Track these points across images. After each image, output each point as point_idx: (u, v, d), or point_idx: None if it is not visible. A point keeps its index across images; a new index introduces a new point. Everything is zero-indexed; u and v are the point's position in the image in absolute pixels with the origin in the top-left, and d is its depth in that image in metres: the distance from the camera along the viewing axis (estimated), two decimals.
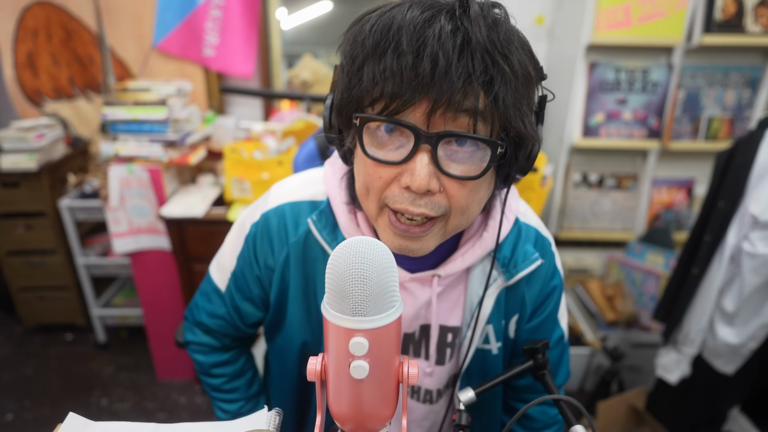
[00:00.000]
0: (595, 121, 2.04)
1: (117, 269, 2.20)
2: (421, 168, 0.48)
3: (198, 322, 0.80)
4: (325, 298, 0.42)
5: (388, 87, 0.47)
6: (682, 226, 2.21)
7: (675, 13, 1.85)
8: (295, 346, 0.74)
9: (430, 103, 0.47)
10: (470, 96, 0.46)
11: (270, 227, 0.69)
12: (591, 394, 1.99)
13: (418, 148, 0.49)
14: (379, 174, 0.52)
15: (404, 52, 0.46)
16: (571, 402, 0.61)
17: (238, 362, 0.84)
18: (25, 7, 2.08)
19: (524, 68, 0.49)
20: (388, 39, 0.47)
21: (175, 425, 0.59)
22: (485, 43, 0.46)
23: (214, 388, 0.83)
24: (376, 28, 0.48)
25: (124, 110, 1.77)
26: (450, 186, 0.51)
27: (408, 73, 0.46)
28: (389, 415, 0.46)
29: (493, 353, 0.71)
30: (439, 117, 0.47)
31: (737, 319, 1.40)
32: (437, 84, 0.45)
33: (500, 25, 0.49)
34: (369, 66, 0.48)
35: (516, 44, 0.49)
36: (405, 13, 0.48)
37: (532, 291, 0.70)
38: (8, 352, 2.31)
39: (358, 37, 0.50)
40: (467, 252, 0.66)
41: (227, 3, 2.06)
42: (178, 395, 2.09)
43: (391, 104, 0.48)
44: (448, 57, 0.45)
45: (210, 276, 0.79)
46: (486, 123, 0.49)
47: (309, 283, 0.70)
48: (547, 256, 0.71)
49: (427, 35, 0.46)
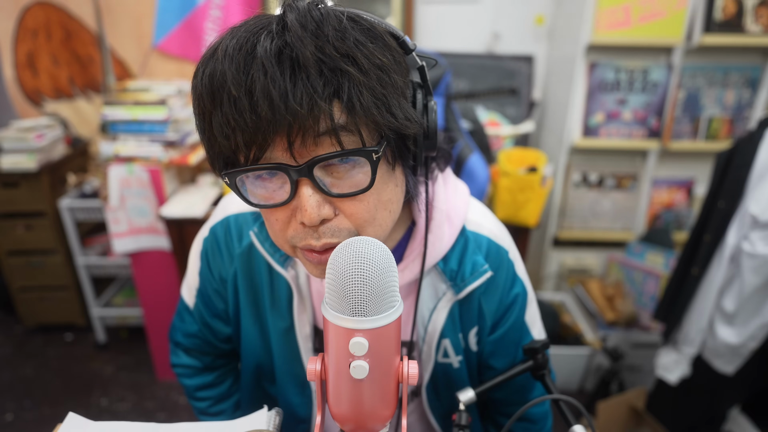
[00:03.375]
0: (595, 121, 2.04)
1: (117, 269, 2.20)
2: (307, 201, 0.45)
3: (176, 342, 0.80)
4: (325, 298, 0.42)
5: (238, 137, 0.43)
6: (682, 226, 2.21)
7: (675, 13, 1.85)
8: (251, 366, 0.74)
9: (284, 138, 0.43)
10: (321, 117, 0.42)
11: (218, 240, 0.69)
12: (591, 394, 1.99)
13: (296, 182, 0.46)
14: (275, 217, 0.50)
15: (235, 96, 0.42)
16: (571, 402, 0.61)
17: (222, 385, 0.83)
18: (25, 7, 2.08)
19: (373, 59, 0.44)
20: (217, 88, 0.43)
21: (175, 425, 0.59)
22: (315, 54, 0.41)
23: (201, 412, 0.82)
24: (205, 75, 0.45)
25: (124, 110, 1.78)
26: (345, 206, 0.48)
27: (249, 116, 0.42)
28: (389, 415, 0.46)
29: (455, 366, 0.69)
30: (300, 147, 0.44)
31: (737, 319, 1.40)
32: (281, 118, 0.41)
33: (325, 23, 0.43)
34: (215, 120, 0.44)
35: (354, 38, 0.44)
36: (225, 50, 0.43)
37: (490, 303, 0.66)
38: (8, 352, 2.31)
39: (196, 92, 0.47)
40: (407, 267, 0.63)
41: (227, 3, 2.06)
42: (178, 395, 2.08)
43: (249, 153, 0.44)
44: (279, 87, 0.41)
45: (182, 296, 0.78)
46: (353, 132, 0.44)
47: (257, 297, 0.69)
48: (503, 265, 0.66)
49: (252, 70, 0.42)
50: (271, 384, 0.75)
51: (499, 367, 0.71)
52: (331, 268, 0.40)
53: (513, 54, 2.22)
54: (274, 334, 0.69)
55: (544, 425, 0.76)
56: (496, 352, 0.70)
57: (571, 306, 2.26)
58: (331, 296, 0.41)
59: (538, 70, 2.27)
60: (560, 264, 2.34)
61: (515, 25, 2.22)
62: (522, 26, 2.22)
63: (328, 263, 0.41)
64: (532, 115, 2.24)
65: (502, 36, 2.23)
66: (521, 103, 2.22)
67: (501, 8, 2.19)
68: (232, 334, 0.76)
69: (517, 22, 2.21)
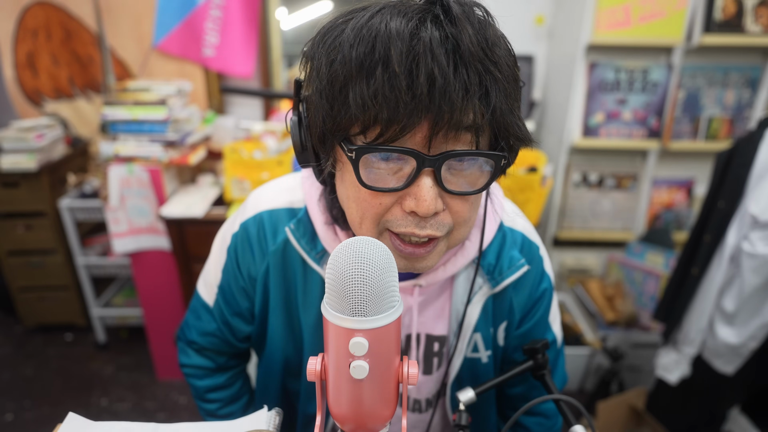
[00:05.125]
0: (595, 121, 2.04)
1: (117, 269, 2.20)
2: (427, 192, 0.46)
3: (189, 341, 0.78)
4: (325, 298, 0.42)
5: (382, 113, 0.42)
6: (682, 226, 2.21)
7: (675, 13, 1.85)
8: (277, 363, 0.73)
9: (430, 125, 0.43)
10: (469, 111, 0.43)
11: (250, 236, 0.67)
12: (591, 394, 1.99)
13: (421, 171, 0.46)
14: (379, 201, 0.49)
15: (396, 72, 0.41)
16: (571, 402, 0.61)
17: (233, 386, 0.82)
18: (25, 7, 2.08)
19: (512, 71, 0.47)
20: (374, 57, 0.42)
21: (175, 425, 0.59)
22: (477, 52, 0.43)
23: (209, 413, 0.80)
24: (358, 43, 0.43)
25: (124, 110, 1.78)
26: (453, 203, 0.49)
27: (403, 95, 0.41)
28: (389, 416, 0.46)
29: (483, 362, 0.70)
30: (441, 137, 0.44)
31: (737, 319, 1.40)
32: (436, 105, 0.42)
33: (485, 27, 0.45)
34: (354, 88, 0.43)
35: (502, 47, 0.46)
36: (387, 23, 0.43)
37: (520, 297, 0.68)
38: (8, 352, 2.31)
39: (334, 55, 0.45)
40: (449, 261, 0.64)
41: (227, 3, 2.06)
42: (178, 395, 2.08)
43: (387, 131, 0.43)
44: (444, 73, 0.41)
45: (198, 292, 0.77)
46: (484, 134, 0.46)
47: (290, 294, 0.68)
48: (535, 260, 0.69)
49: (417, 49, 0.41)
50: (296, 380, 0.74)
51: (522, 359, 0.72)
52: (331, 268, 0.40)
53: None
54: (306, 330, 0.68)
55: (557, 422, 0.77)
56: (520, 347, 0.71)
57: (571, 306, 2.26)
58: (331, 296, 0.41)
59: (538, 70, 2.27)
60: (560, 264, 2.34)
61: (515, 25, 2.22)
62: (522, 26, 2.22)
63: (328, 263, 0.41)
64: (532, 115, 2.24)
65: None
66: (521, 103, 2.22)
67: (501, 8, 2.18)
68: (251, 333, 0.75)
69: (517, 22, 2.21)
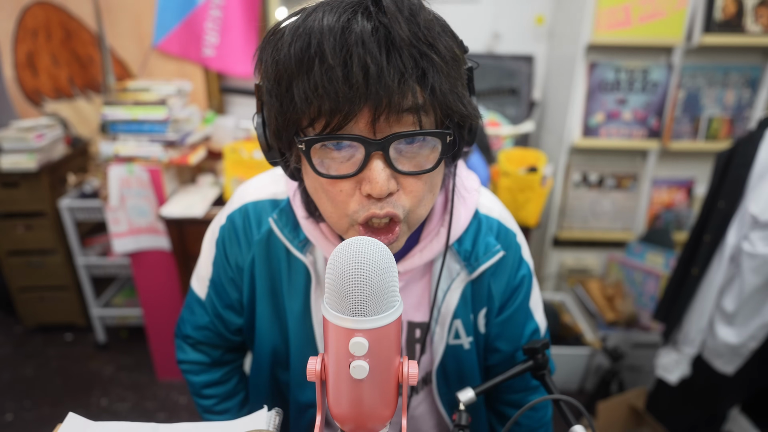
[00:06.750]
0: (595, 121, 2.04)
1: (117, 269, 2.20)
2: (378, 174, 0.48)
3: (185, 335, 0.80)
4: (325, 298, 0.42)
5: (324, 104, 0.45)
6: (682, 226, 2.21)
7: (675, 13, 1.85)
8: (266, 353, 0.74)
9: (371, 111, 0.46)
10: (408, 94, 0.46)
11: (236, 227, 0.70)
12: (591, 394, 1.99)
13: (370, 155, 0.48)
14: (339, 188, 0.51)
15: (331, 65, 0.44)
16: (571, 402, 0.61)
17: (229, 383, 0.83)
18: (25, 7, 2.08)
19: (451, 51, 0.49)
20: (310, 53, 0.45)
21: (175, 425, 0.59)
22: (408, 38, 0.45)
23: (206, 410, 0.82)
24: (295, 42, 0.46)
25: (124, 110, 1.77)
26: (407, 183, 0.51)
27: (341, 86, 0.44)
28: (389, 415, 0.46)
29: (465, 348, 0.71)
30: (383, 122, 0.47)
31: (737, 319, 1.40)
32: (373, 91, 0.44)
33: (417, 13, 0.47)
34: (298, 85, 0.46)
35: (438, 29, 0.48)
36: (320, 21, 0.46)
37: (498, 284, 0.69)
38: (8, 352, 2.31)
39: (277, 55, 0.48)
40: (426, 247, 0.65)
41: (227, 3, 2.06)
42: (178, 395, 2.08)
43: (332, 121, 0.46)
44: (376, 61, 0.44)
45: (191, 288, 0.79)
46: (429, 114, 0.49)
47: (275, 283, 0.70)
48: (512, 247, 0.70)
49: (349, 41, 0.44)
50: (285, 370, 0.75)
51: (505, 349, 0.73)
52: (331, 268, 0.40)
53: (513, 54, 2.22)
54: (291, 319, 0.70)
55: (546, 413, 0.78)
56: (502, 335, 0.72)
57: (571, 306, 2.26)
58: (331, 296, 0.41)
59: (538, 70, 2.27)
60: (560, 264, 2.34)
61: (515, 25, 2.22)
62: (522, 26, 2.22)
63: (328, 263, 0.41)
64: (532, 115, 2.24)
65: (502, 36, 2.23)
66: (521, 103, 2.22)
67: (501, 8, 2.19)
68: (243, 325, 0.76)
69: (517, 22, 2.21)
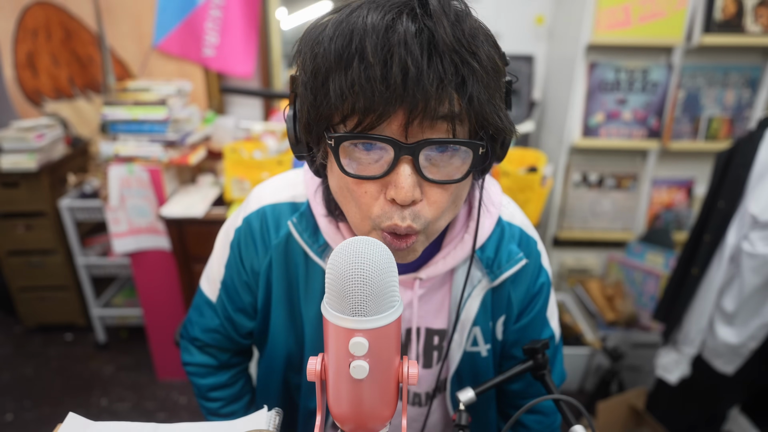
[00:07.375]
0: (595, 121, 2.04)
1: (117, 269, 2.20)
2: (405, 179, 0.47)
3: (192, 338, 0.78)
4: (324, 298, 0.42)
5: (359, 102, 0.44)
6: (682, 226, 2.21)
7: (675, 13, 1.85)
8: (279, 357, 0.73)
9: (405, 113, 0.45)
10: (445, 101, 0.45)
11: (253, 231, 0.68)
12: (591, 394, 1.99)
13: (399, 159, 0.47)
14: (364, 189, 0.50)
15: (371, 63, 0.43)
16: (571, 402, 0.61)
17: (235, 385, 0.82)
18: (25, 7, 2.08)
19: (492, 61, 0.47)
20: (351, 49, 0.44)
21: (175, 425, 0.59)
22: (452, 43, 0.44)
23: (211, 412, 0.80)
24: (336, 37, 0.45)
25: (124, 110, 1.77)
26: (431, 193, 0.50)
27: (378, 85, 0.43)
28: (389, 416, 0.46)
29: (483, 355, 0.70)
30: (417, 126, 0.46)
31: (737, 319, 1.40)
32: (410, 93, 0.43)
33: (463, 20, 0.46)
34: (334, 80, 0.45)
35: (481, 38, 0.47)
36: (364, 19, 0.45)
37: (518, 291, 0.69)
38: (8, 352, 2.31)
39: (317, 49, 0.47)
40: (449, 254, 0.65)
41: (227, 3, 2.06)
42: (178, 395, 2.09)
43: (364, 120, 0.45)
44: (417, 63, 0.43)
45: (201, 289, 0.77)
46: (463, 124, 0.47)
47: (292, 288, 0.69)
48: (532, 255, 0.69)
49: (392, 41, 0.43)
50: (297, 374, 0.75)
51: (521, 356, 0.72)
52: (331, 268, 0.40)
53: (513, 54, 2.22)
54: (308, 324, 0.69)
55: (555, 419, 0.78)
56: (519, 342, 0.72)
57: (571, 306, 2.26)
58: (331, 296, 0.41)
59: (538, 70, 2.27)
60: (560, 264, 2.34)
61: (515, 25, 2.22)
62: (522, 26, 2.22)
63: (328, 263, 0.41)
64: (532, 115, 2.24)
65: (502, 36, 2.23)
66: (521, 103, 2.22)
67: (501, 8, 2.19)
68: (254, 328, 0.75)
69: (517, 22, 2.21)
